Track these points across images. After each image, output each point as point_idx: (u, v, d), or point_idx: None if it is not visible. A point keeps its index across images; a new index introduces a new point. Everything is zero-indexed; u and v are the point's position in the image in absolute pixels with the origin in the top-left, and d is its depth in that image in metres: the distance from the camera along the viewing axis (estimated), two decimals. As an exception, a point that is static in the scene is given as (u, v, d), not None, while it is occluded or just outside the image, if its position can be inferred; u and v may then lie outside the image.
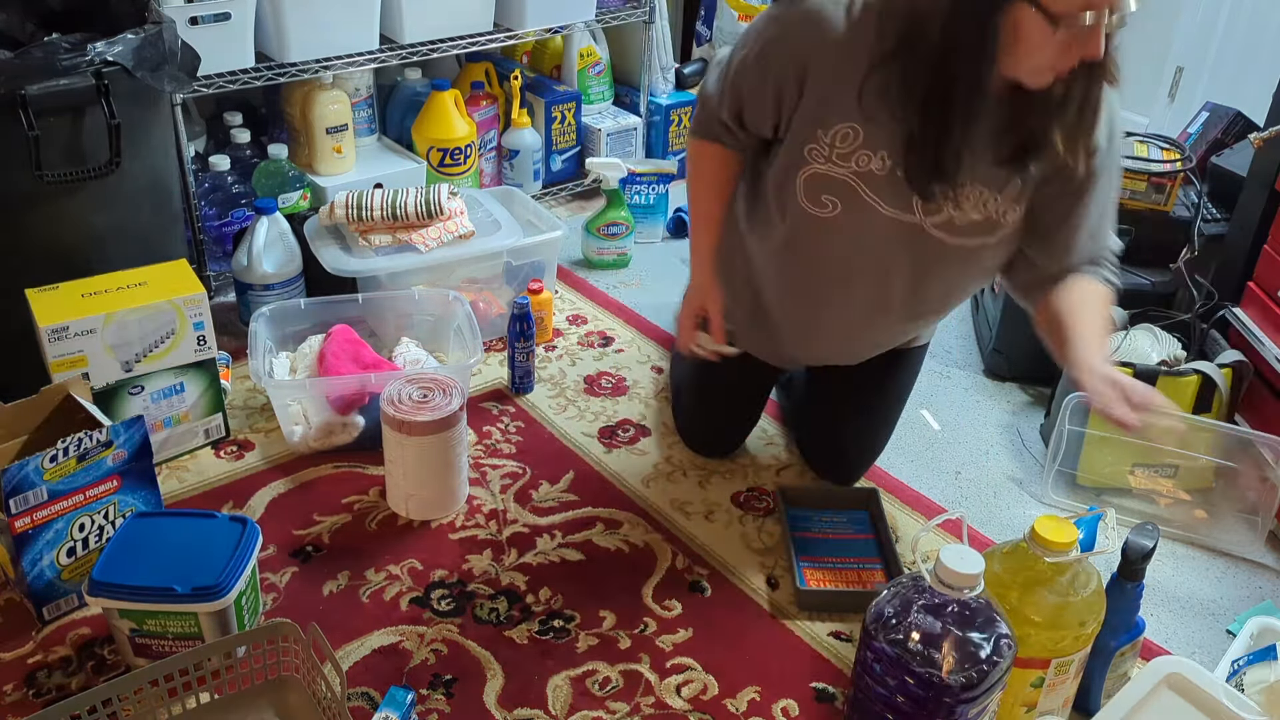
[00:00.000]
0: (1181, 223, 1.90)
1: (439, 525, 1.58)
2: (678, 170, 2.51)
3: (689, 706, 1.31)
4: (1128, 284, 1.88)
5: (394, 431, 1.53)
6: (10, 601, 1.41)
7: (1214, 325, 1.76)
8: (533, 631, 1.41)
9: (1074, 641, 1.17)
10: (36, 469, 1.29)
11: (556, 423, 1.82)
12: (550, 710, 1.30)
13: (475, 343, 1.74)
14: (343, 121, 2.17)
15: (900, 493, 1.70)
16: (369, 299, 1.86)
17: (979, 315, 2.15)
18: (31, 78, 1.47)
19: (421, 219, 1.89)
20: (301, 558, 1.51)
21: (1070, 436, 1.67)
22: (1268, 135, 1.69)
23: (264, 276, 1.91)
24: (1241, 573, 1.60)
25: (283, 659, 1.27)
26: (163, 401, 1.63)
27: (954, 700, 1.06)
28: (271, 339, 1.78)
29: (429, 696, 1.31)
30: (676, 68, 2.70)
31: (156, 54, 1.59)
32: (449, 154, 2.29)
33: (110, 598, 1.25)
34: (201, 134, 2.23)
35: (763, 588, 1.50)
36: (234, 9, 1.89)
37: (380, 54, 2.14)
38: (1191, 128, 2.25)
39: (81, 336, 1.51)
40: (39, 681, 1.30)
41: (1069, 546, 1.14)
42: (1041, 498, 1.72)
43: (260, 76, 1.99)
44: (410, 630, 1.40)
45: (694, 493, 1.67)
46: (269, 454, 1.71)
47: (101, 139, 1.57)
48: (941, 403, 1.95)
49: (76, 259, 1.61)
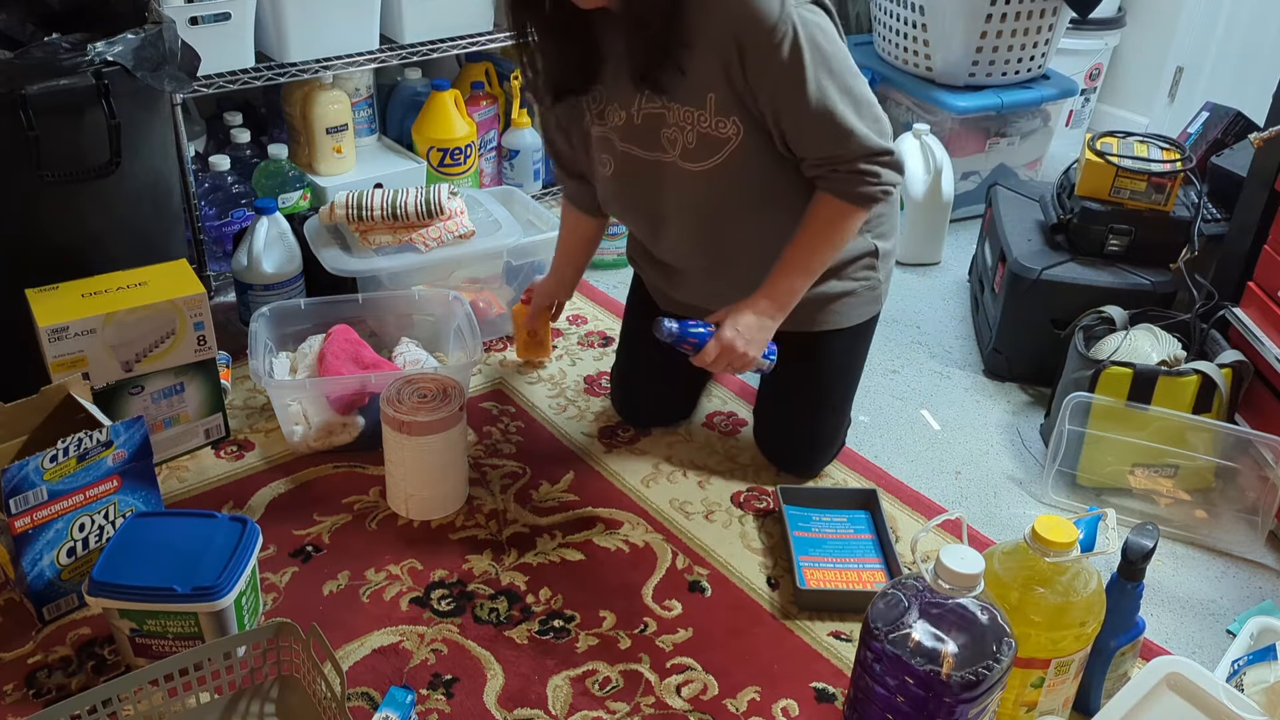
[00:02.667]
0: (1181, 223, 1.90)
1: (439, 525, 1.58)
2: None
3: (689, 706, 1.31)
4: (1128, 284, 1.89)
5: (394, 431, 1.53)
6: (10, 601, 1.41)
7: (1214, 325, 1.76)
8: (533, 631, 1.41)
9: (1074, 641, 1.17)
10: (36, 469, 1.29)
11: (556, 423, 1.82)
12: (550, 710, 1.30)
13: (475, 343, 1.74)
14: (343, 121, 2.17)
15: (900, 493, 1.70)
16: (369, 299, 1.86)
17: (979, 315, 2.15)
18: (31, 78, 1.47)
19: (421, 219, 1.89)
20: (301, 558, 1.51)
21: (1070, 436, 1.67)
22: (1268, 135, 1.69)
23: (264, 276, 1.91)
24: (1241, 573, 1.60)
25: (283, 659, 1.27)
26: (163, 401, 1.63)
27: (954, 700, 1.06)
28: (271, 339, 1.78)
29: (429, 696, 1.31)
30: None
31: (156, 54, 1.59)
32: (449, 154, 2.29)
33: (110, 598, 1.25)
34: (201, 134, 2.23)
35: (763, 588, 1.50)
36: (234, 9, 1.89)
37: (380, 54, 2.14)
38: (1191, 128, 2.25)
39: (81, 336, 1.51)
40: (39, 681, 1.30)
41: (1069, 546, 1.14)
42: (1041, 498, 1.72)
43: (260, 76, 1.99)
44: (410, 630, 1.40)
45: (694, 493, 1.67)
46: (269, 454, 1.71)
47: (101, 139, 1.57)
48: (941, 403, 1.95)
49: (76, 259, 1.60)
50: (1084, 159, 1.95)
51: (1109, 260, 1.94)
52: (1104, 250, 1.94)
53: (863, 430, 1.86)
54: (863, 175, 1.41)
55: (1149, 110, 2.91)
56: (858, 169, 1.41)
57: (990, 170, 2.56)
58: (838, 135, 1.38)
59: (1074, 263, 1.93)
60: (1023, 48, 2.45)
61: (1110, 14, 2.81)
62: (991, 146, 2.53)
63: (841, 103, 1.38)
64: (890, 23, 2.53)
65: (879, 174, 1.41)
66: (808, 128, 1.39)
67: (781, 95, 1.37)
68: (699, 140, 1.44)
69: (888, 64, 2.60)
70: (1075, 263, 1.93)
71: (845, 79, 1.39)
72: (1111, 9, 2.81)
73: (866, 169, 1.41)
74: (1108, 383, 1.64)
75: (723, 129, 1.42)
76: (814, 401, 1.67)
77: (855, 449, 1.80)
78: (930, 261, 2.41)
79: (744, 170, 1.45)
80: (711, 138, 1.43)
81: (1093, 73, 2.89)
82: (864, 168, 1.41)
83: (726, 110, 1.41)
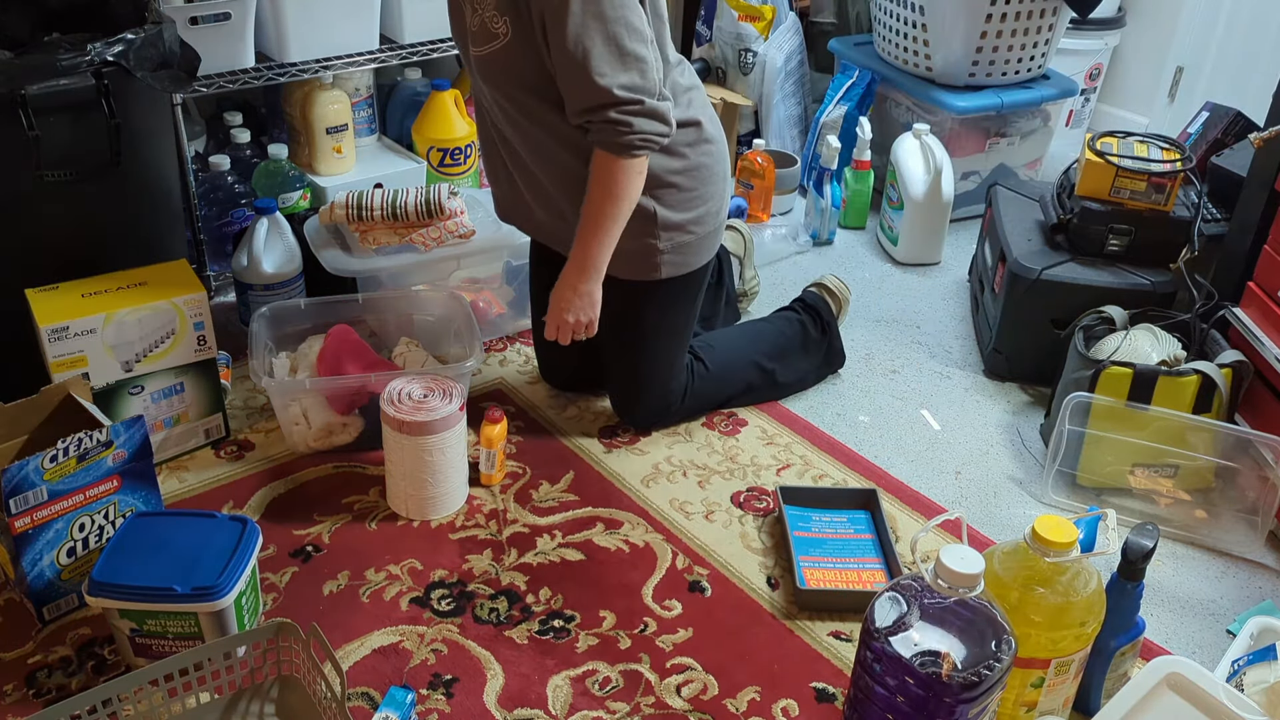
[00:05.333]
0: (1181, 223, 1.90)
1: (439, 525, 1.58)
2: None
3: (689, 706, 1.31)
4: (1128, 284, 1.89)
5: (394, 431, 1.53)
6: (10, 601, 1.41)
7: (1214, 325, 1.76)
8: (533, 631, 1.41)
9: (1074, 641, 1.17)
10: (36, 469, 1.29)
11: (556, 423, 1.82)
12: (550, 710, 1.30)
13: (475, 343, 1.74)
14: (343, 121, 2.17)
15: (900, 493, 1.70)
16: (369, 299, 1.86)
17: (979, 315, 2.15)
18: (31, 78, 1.47)
19: (422, 219, 1.89)
20: (301, 558, 1.51)
21: (1070, 436, 1.67)
22: (1268, 135, 1.69)
23: (264, 276, 1.91)
24: (1241, 573, 1.60)
25: (283, 659, 1.27)
26: (163, 401, 1.63)
27: (954, 700, 1.06)
28: (271, 339, 1.78)
29: (429, 696, 1.31)
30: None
31: (156, 54, 1.59)
32: (449, 154, 2.28)
33: (110, 598, 1.25)
34: (201, 134, 2.23)
35: (763, 588, 1.50)
36: (234, 9, 1.89)
37: (380, 54, 2.14)
38: (1191, 128, 2.25)
39: (81, 336, 1.51)
40: (39, 681, 1.30)
41: (1069, 546, 1.14)
42: (1041, 498, 1.72)
43: (260, 76, 1.99)
44: (410, 630, 1.40)
45: (694, 493, 1.67)
46: (269, 454, 1.71)
47: (101, 139, 1.57)
48: (941, 403, 1.95)
49: (76, 259, 1.60)
50: (1084, 159, 1.95)
51: (1109, 260, 1.94)
52: (1104, 250, 1.94)
53: (863, 430, 1.86)
54: (615, 125, 1.44)
55: (1149, 110, 2.90)
56: (609, 118, 1.44)
57: (990, 170, 2.56)
58: (587, 74, 1.41)
59: (1074, 263, 1.93)
60: (1023, 48, 2.45)
61: (1110, 14, 2.81)
62: (991, 146, 2.53)
63: (601, 45, 1.41)
64: (890, 23, 2.53)
65: (631, 123, 1.44)
66: (563, 64, 1.43)
67: (549, 13, 1.40)
68: (480, 26, 1.49)
69: (888, 64, 2.60)
70: (1075, 263, 1.93)
71: (614, 27, 1.41)
72: (1111, 9, 2.80)
73: (618, 118, 1.44)
74: (1108, 383, 1.64)
75: (495, 25, 1.47)
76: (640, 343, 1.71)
77: (855, 449, 1.80)
78: (930, 261, 2.41)
79: (508, 75, 1.51)
80: (486, 29, 1.48)
81: (1093, 73, 2.89)
82: (615, 116, 1.44)
83: (502, 6, 1.45)
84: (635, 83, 1.43)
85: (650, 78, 1.45)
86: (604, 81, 1.41)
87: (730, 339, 1.90)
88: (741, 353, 1.87)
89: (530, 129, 1.55)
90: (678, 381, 1.76)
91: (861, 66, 2.64)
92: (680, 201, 1.62)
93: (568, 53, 1.41)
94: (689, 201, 1.63)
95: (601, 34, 1.40)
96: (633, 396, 1.77)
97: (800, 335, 1.92)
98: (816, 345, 1.93)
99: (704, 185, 1.64)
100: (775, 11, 2.65)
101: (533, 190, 1.64)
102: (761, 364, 1.86)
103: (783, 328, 1.92)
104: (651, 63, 1.46)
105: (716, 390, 1.83)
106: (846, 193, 2.50)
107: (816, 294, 2.00)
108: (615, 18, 1.41)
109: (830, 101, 2.63)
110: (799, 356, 1.91)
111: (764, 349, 1.88)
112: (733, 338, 1.91)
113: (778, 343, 1.90)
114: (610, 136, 1.45)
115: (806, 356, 1.92)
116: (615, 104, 1.43)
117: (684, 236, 1.64)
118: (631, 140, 1.45)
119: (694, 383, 1.79)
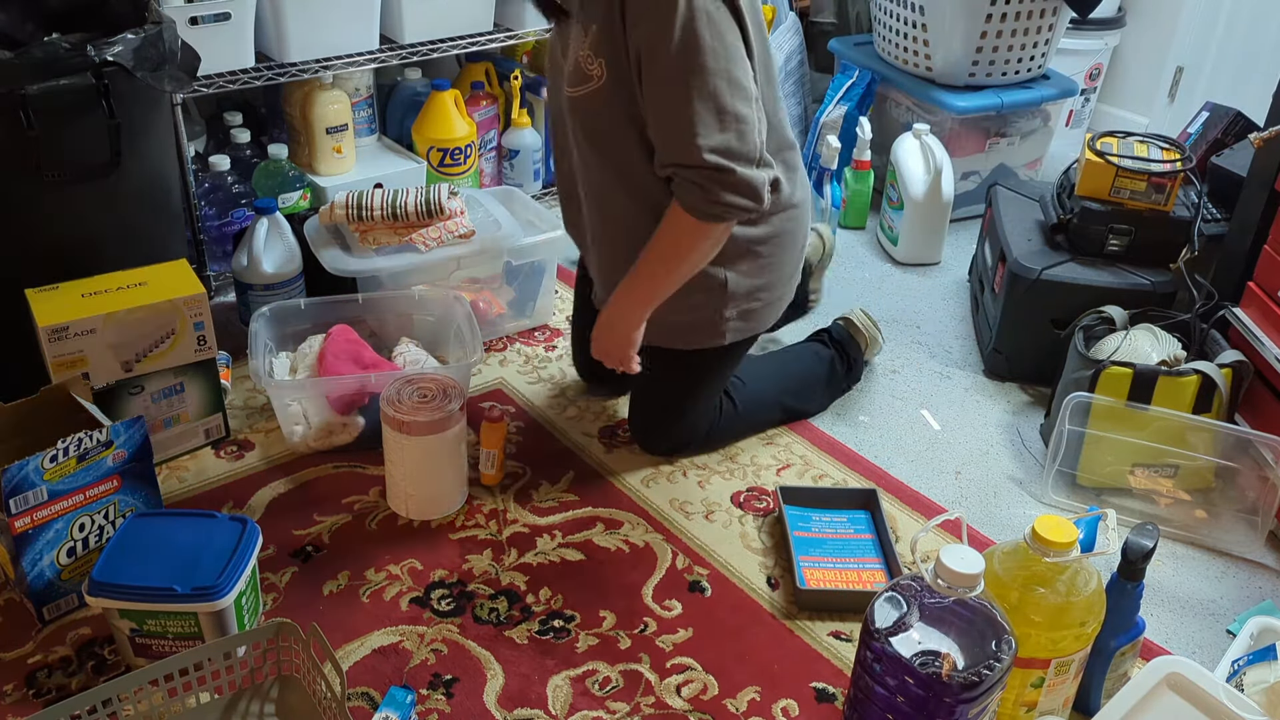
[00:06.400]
0: (1181, 223, 1.90)
1: (439, 525, 1.58)
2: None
3: (689, 706, 1.31)
4: (1128, 284, 1.89)
5: (394, 431, 1.53)
6: (10, 601, 1.41)
7: (1214, 325, 1.76)
8: (533, 631, 1.41)
9: (1074, 641, 1.17)
10: (36, 469, 1.29)
11: (556, 423, 1.82)
12: (550, 710, 1.30)
13: (475, 343, 1.74)
14: (343, 121, 2.17)
15: (900, 493, 1.70)
16: (369, 299, 1.86)
17: (979, 315, 2.15)
18: (31, 78, 1.47)
19: (422, 219, 1.89)
20: (301, 558, 1.51)
21: (1070, 436, 1.67)
22: (1268, 135, 1.69)
23: (264, 276, 1.91)
24: (1241, 573, 1.60)
25: (283, 659, 1.27)
26: (163, 401, 1.63)
27: (954, 700, 1.06)
28: (271, 339, 1.78)
29: (429, 696, 1.31)
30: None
31: (156, 54, 1.59)
32: (449, 154, 2.29)
33: (110, 598, 1.25)
34: (201, 134, 2.23)
35: (763, 588, 1.50)
36: (234, 9, 1.89)
37: (380, 54, 2.14)
38: (1191, 128, 2.25)
39: (81, 336, 1.51)
40: (39, 681, 1.30)
41: (1069, 546, 1.14)
42: (1041, 498, 1.72)
43: (260, 76, 1.99)
44: (410, 630, 1.40)
45: (694, 493, 1.67)
46: (269, 454, 1.71)
47: (101, 139, 1.57)
48: (941, 403, 1.95)
49: (76, 259, 1.60)
50: (1084, 159, 1.95)
51: (1109, 260, 1.94)
52: (1104, 250, 1.94)
53: (863, 430, 1.86)
54: (701, 188, 1.33)
55: (1149, 110, 2.91)
56: (695, 180, 1.33)
57: (990, 170, 2.56)
58: (680, 127, 1.31)
59: (1074, 263, 1.93)
60: (1023, 48, 2.45)
61: (1110, 14, 2.81)
62: (991, 146, 2.53)
63: (698, 100, 1.29)
64: (890, 23, 2.53)
65: (718, 194, 1.33)
66: (655, 112, 1.34)
67: (646, 52, 1.32)
68: (574, 67, 1.42)
69: (888, 64, 2.60)
70: (1075, 263, 1.93)
71: (716, 80, 1.30)
72: (1111, 9, 2.81)
73: (704, 183, 1.33)
74: (1108, 383, 1.64)
75: (590, 66, 1.39)
76: (656, 385, 1.69)
77: (855, 449, 1.80)
78: (930, 261, 2.41)
79: (598, 118, 1.43)
80: (581, 70, 1.40)
81: (1093, 73, 2.89)
82: (701, 181, 1.33)
83: (599, 48, 1.37)
84: (731, 146, 1.31)
85: (750, 141, 1.33)
86: (696, 141, 1.30)
87: (761, 376, 1.82)
88: (770, 393, 1.81)
89: (603, 167, 1.48)
90: (705, 420, 1.72)
91: (861, 66, 2.64)
92: (754, 270, 1.55)
93: (660, 102, 1.31)
94: (763, 269, 1.55)
95: (700, 87, 1.28)
96: (657, 432, 1.73)
97: (828, 373, 1.87)
98: (840, 380, 1.90)
99: (782, 252, 1.57)
100: (775, 11, 2.65)
101: (594, 219, 1.58)
102: (786, 404, 1.83)
103: (813, 365, 1.87)
104: (753, 123, 1.33)
105: (740, 429, 1.78)
106: (846, 193, 2.50)
107: (843, 329, 1.94)
108: (717, 69, 1.29)
109: (830, 101, 2.63)
110: (821, 391, 1.88)
111: (791, 387, 1.84)
112: (763, 375, 1.82)
113: (805, 380, 1.86)
114: (692, 197, 1.34)
115: (828, 391, 1.89)
116: (702, 167, 1.32)
117: (752, 304, 1.58)
118: (712, 210, 1.35)
119: (720, 420, 1.73)
